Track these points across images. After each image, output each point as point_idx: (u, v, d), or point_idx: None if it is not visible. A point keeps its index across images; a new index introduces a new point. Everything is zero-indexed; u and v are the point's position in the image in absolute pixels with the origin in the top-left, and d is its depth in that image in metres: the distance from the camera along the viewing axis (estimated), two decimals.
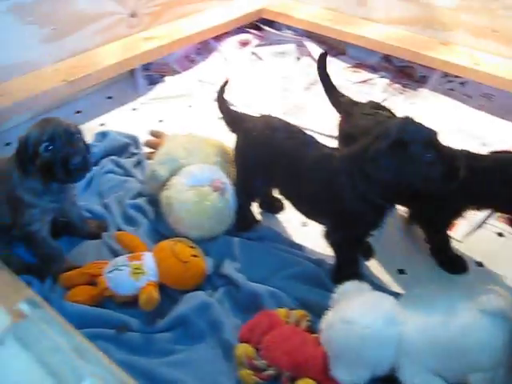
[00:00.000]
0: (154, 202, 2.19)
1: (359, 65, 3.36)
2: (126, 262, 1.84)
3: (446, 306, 1.52)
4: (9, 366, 0.60)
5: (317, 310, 1.72)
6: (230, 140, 2.38)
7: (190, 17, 3.42)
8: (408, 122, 1.65)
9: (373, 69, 3.32)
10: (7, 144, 2.64)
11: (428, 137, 1.61)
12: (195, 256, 1.87)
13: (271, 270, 1.93)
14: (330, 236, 1.86)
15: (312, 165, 1.79)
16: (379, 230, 1.82)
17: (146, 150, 2.52)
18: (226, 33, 3.51)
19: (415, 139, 1.59)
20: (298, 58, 3.44)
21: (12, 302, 1.54)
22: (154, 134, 2.52)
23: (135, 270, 1.80)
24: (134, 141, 2.64)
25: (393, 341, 1.50)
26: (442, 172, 1.61)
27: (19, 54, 2.74)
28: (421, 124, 1.64)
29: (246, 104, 2.97)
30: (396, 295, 1.66)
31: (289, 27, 3.59)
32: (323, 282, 1.89)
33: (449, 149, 1.66)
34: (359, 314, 1.52)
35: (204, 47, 3.47)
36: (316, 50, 3.39)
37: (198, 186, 2.01)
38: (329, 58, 3.31)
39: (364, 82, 3.20)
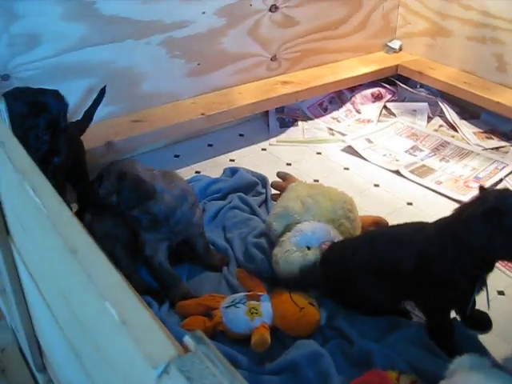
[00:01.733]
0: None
1: (492, 131, 3.28)
2: (244, 300, 1.86)
3: None
4: None
5: (429, 378, 1.66)
6: (355, 191, 2.41)
7: (328, 65, 3.48)
8: (508, 193, 1.66)
9: (506, 136, 3.23)
10: None
11: None
12: (312, 304, 1.87)
13: (384, 329, 1.89)
14: (421, 304, 1.88)
15: (404, 245, 1.82)
16: (472, 297, 1.78)
17: (273, 191, 2.57)
18: (361, 85, 3.54)
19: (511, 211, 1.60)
20: (430, 118, 3.41)
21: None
22: (281, 176, 2.57)
23: (252, 310, 1.82)
24: (262, 180, 2.68)
25: None
26: None
27: (165, 85, 2.89)
28: None
29: (373, 158, 2.98)
30: None
31: (423, 86, 3.56)
32: (438, 349, 1.83)
33: None
34: None
35: (338, 96, 3.51)
36: (449, 111, 3.36)
37: (307, 246, 2.01)
38: (461, 121, 3.32)
39: (496, 149, 3.13)
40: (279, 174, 2.61)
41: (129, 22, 2.64)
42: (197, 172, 2.79)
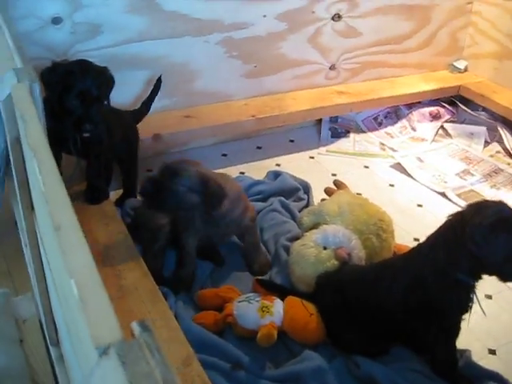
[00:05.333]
0: None
1: None
2: (258, 298, 1.90)
3: None
4: (106, 377, 0.66)
5: None
6: (397, 209, 2.40)
7: (387, 80, 3.45)
8: (504, 204, 1.66)
9: None
10: None
11: None
12: None
13: (387, 361, 1.84)
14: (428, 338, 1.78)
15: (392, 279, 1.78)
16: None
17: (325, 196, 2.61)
18: (419, 102, 3.49)
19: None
20: (487, 143, 3.33)
21: (143, 313, 1.66)
22: (337, 183, 2.62)
23: (263, 308, 1.85)
24: (304, 186, 2.69)
25: None
26: None
27: (219, 84, 2.94)
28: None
29: (421, 177, 2.95)
30: None
31: (484, 109, 3.49)
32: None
33: None
34: None
35: (394, 112, 3.47)
36: (508, 138, 3.28)
37: (324, 246, 2.03)
38: None
39: None
40: (335, 182, 2.66)
41: (189, 19, 2.70)
42: (241, 172, 2.82)
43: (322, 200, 2.56)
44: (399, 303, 1.75)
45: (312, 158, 3.07)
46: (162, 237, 2.10)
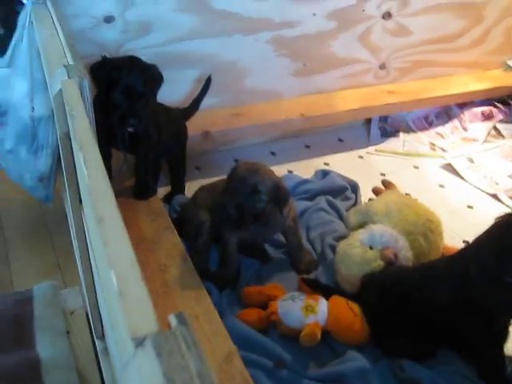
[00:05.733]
0: None
1: None
2: (303, 297, 1.89)
3: None
4: (142, 368, 0.66)
5: None
6: (446, 210, 2.39)
7: (438, 79, 3.38)
8: None
9: None
10: (236, 160, 2.84)
11: None
12: None
13: (433, 364, 1.81)
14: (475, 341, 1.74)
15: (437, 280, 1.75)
16: None
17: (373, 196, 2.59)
18: (472, 102, 3.42)
19: None
20: None
21: (186, 308, 1.67)
22: (386, 183, 2.60)
23: (308, 307, 1.84)
24: (353, 186, 2.67)
25: None
26: None
27: (268, 82, 2.94)
28: None
29: (472, 179, 2.89)
30: None
31: None
32: None
33: None
34: None
35: (445, 112, 3.41)
36: None
37: (370, 246, 2.01)
38: None
39: None
40: (384, 181, 2.64)
41: (239, 17, 2.70)
42: (289, 171, 2.82)
43: (370, 200, 2.54)
44: (445, 304, 1.72)
45: (361, 157, 3.05)
46: (205, 232, 2.10)
